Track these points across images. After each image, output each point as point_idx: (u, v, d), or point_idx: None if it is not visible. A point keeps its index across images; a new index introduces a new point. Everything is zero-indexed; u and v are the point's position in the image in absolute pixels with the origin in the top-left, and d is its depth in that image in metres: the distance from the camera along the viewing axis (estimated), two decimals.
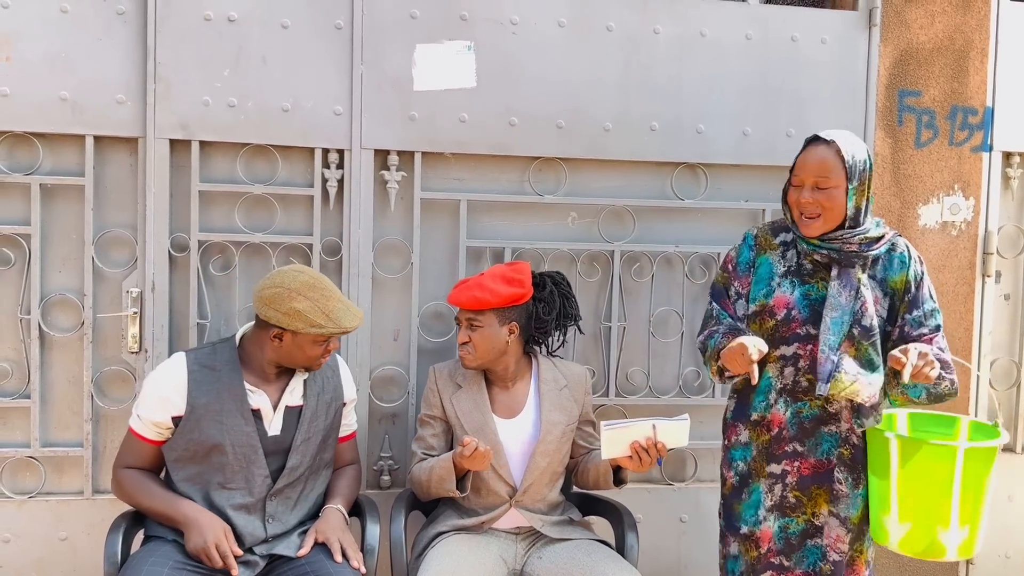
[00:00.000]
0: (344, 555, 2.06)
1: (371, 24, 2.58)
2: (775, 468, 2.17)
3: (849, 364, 2.05)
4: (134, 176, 2.55)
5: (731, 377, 2.19)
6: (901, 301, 2.12)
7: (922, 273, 2.13)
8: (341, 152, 2.60)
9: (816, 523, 2.16)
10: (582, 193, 2.79)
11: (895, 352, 1.97)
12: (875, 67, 2.88)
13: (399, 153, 2.63)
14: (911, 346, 1.96)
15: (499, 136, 2.68)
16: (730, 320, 2.21)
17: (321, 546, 2.09)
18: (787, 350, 2.14)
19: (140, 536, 2.14)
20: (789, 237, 2.20)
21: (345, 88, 2.58)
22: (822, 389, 2.06)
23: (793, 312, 2.12)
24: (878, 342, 2.08)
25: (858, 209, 2.07)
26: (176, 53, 2.49)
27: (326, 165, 2.60)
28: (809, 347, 2.11)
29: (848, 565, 2.17)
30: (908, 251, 2.14)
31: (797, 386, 2.14)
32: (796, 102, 2.83)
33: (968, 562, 3.10)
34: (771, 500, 2.18)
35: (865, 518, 2.17)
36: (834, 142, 2.06)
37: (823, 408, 2.14)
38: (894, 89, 2.92)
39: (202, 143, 2.54)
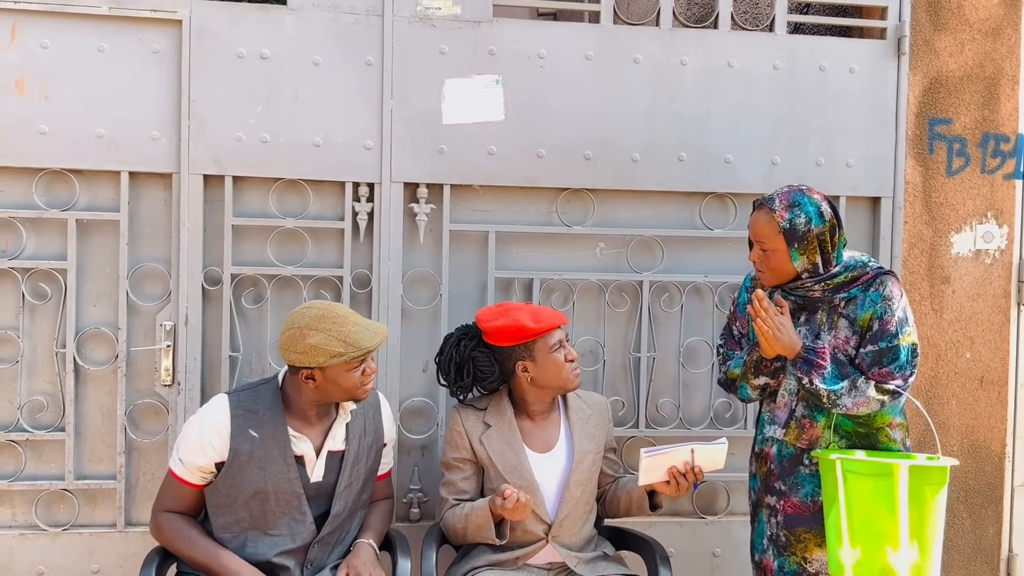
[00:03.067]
0: None
1: (401, 60, 2.61)
2: (771, 500, 2.23)
3: (800, 410, 2.15)
4: (168, 211, 2.59)
5: (766, 388, 2.25)
6: (863, 337, 2.11)
7: (888, 310, 2.08)
8: (371, 185, 2.63)
9: (809, 569, 2.16)
10: (610, 223, 2.79)
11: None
12: (904, 95, 2.86)
13: (428, 186, 2.65)
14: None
15: (527, 168, 2.69)
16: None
17: None
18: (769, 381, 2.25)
19: (173, 571, 2.14)
20: None
21: (375, 123, 2.61)
22: (777, 433, 2.18)
23: None
24: None
25: (814, 264, 2.11)
26: (209, 90, 2.53)
27: (356, 198, 2.62)
28: (781, 379, 2.22)
29: None
30: (882, 289, 2.10)
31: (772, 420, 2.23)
32: (825, 131, 2.82)
33: None
34: (769, 531, 2.24)
35: None
36: (772, 209, 2.12)
37: (803, 450, 2.17)
38: (924, 117, 2.90)
39: (235, 178, 2.58)
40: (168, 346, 2.55)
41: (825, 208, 2.12)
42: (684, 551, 2.81)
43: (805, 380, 2.07)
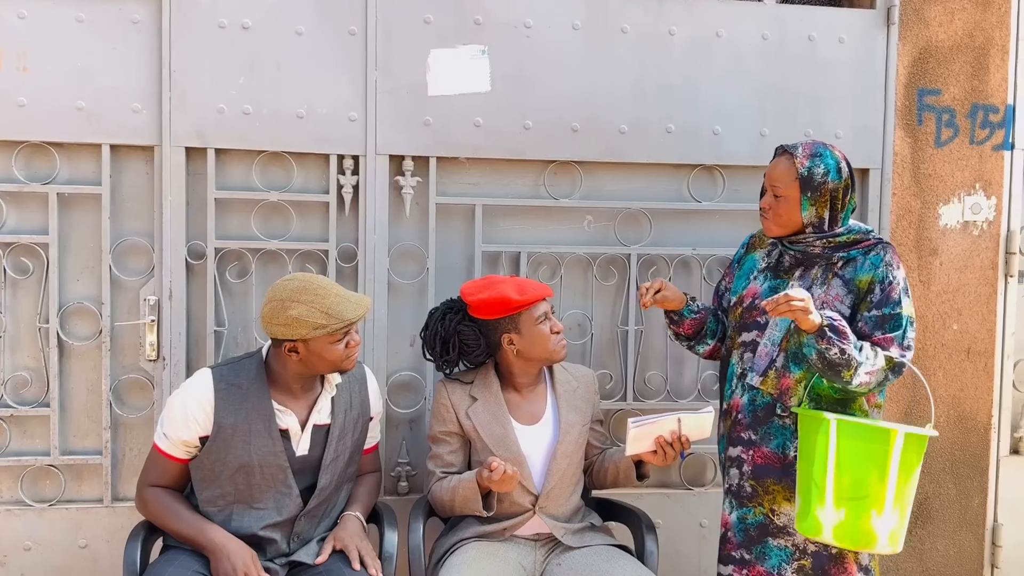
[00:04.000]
0: (362, 562, 2.04)
1: (385, 30, 2.57)
2: (733, 452, 2.23)
3: (780, 359, 2.14)
4: (150, 184, 2.56)
5: (677, 334, 2.40)
6: (862, 300, 2.11)
7: (893, 278, 2.09)
8: (356, 158, 2.60)
9: (777, 522, 2.17)
10: (598, 196, 2.77)
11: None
12: (894, 66, 2.85)
13: (414, 158, 2.63)
14: (789, 291, 1.99)
15: (514, 140, 2.67)
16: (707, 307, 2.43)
17: (339, 553, 2.08)
18: (747, 336, 2.23)
19: (159, 544, 2.14)
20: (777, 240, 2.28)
21: (359, 94, 2.57)
22: (755, 380, 2.17)
23: (757, 301, 2.22)
24: None
25: (820, 218, 2.12)
26: (191, 61, 2.49)
27: (341, 171, 2.60)
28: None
29: (836, 562, 2.15)
30: (884, 255, 2.12)
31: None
32: (814, 102, 2.80)
33: (993, 565, 3.06)
34: (729, 483, 2.24)
35: None
36: (793, 155, 2.13)
37: (775, 398, 2.16)
38: (913, 88, 2.88)
39: (218, 151, 2.54)
40: (152, 321, 2.53)
41: (843, 166, 2.14)
42: (671, 522, 2.82)
43: (835, 351, 1.97)
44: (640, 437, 2.13)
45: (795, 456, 2.12)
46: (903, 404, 2.91)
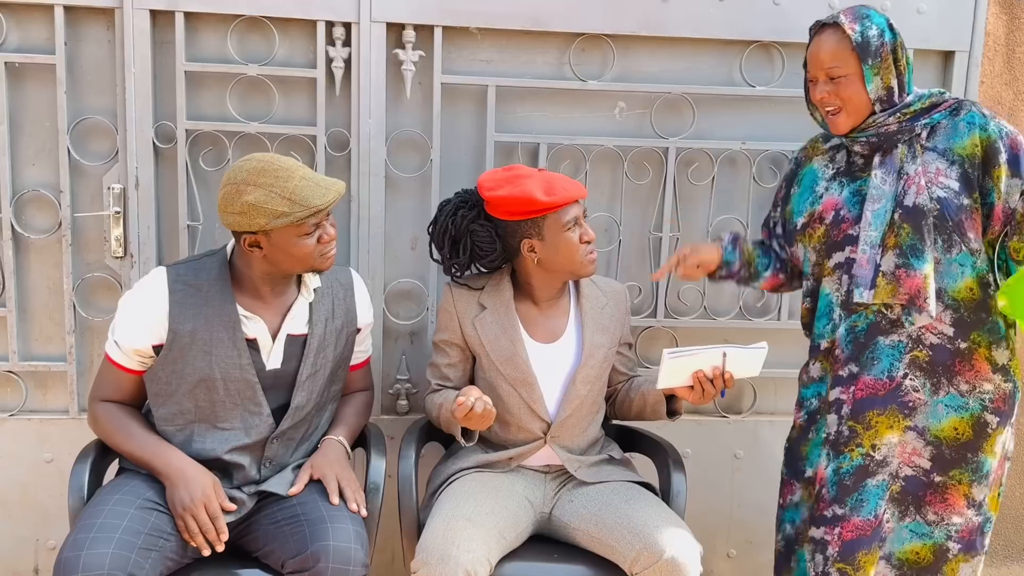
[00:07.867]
0: (342, 496, 1.77)
1: None
2: (832, 395, 1.93)
3: (887, 262, 1.81)
4: (112, 55, 2.23)
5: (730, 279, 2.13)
6: (985, 170, 1.80)
7: (1008, 130, 1.80)
8: (348, 26, 2.24)
9: (876, 456, 1.87)
10: (633, 78, 2.41)
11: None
12: None
13: (416, 28, 2.26)
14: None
15: (534, 7, 2.29)
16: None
17: (317, 483, 1.81)
18: (840, 256, 1.92)
19: (115, 466, 1.88)
20: (838, 140, 1.96)
21: None
22: (862, 296, 1.84)
23: (842, 212, 1.91)
24: (930, 220, 1.79)
25: (888, 89, 1.83)
26: None
27: (330, 42, 2.25)
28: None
29: (938, 492, 1.86)
30: (976, 109, 1.83)
31: (851, 295, 1.89)
32: None
33: None
34: (826, 432, 1.93)
35: (958, 440, 1.85)
36: (837, 24, 1.84)
37: (881, 313, 1.85)
38: None
39: (187, 14, 2.21)
40: (118, 213, 2.24)
41: (892, 23, 1.85)
42: (701, 452, 2.54)
43: None
44: (676, 370, 1.81)
45: (910, 367, 1.85)
46: None
